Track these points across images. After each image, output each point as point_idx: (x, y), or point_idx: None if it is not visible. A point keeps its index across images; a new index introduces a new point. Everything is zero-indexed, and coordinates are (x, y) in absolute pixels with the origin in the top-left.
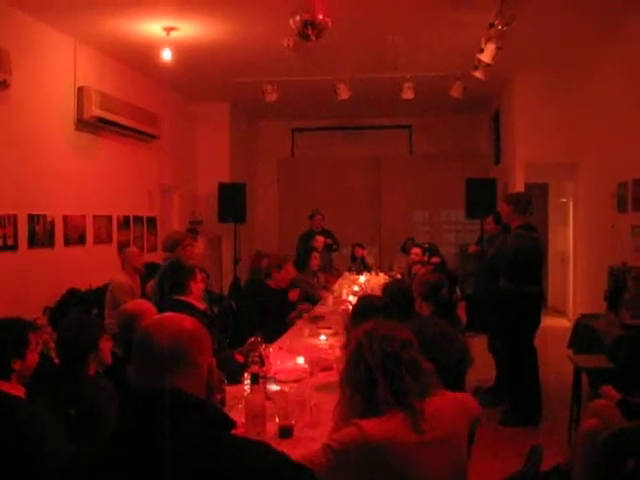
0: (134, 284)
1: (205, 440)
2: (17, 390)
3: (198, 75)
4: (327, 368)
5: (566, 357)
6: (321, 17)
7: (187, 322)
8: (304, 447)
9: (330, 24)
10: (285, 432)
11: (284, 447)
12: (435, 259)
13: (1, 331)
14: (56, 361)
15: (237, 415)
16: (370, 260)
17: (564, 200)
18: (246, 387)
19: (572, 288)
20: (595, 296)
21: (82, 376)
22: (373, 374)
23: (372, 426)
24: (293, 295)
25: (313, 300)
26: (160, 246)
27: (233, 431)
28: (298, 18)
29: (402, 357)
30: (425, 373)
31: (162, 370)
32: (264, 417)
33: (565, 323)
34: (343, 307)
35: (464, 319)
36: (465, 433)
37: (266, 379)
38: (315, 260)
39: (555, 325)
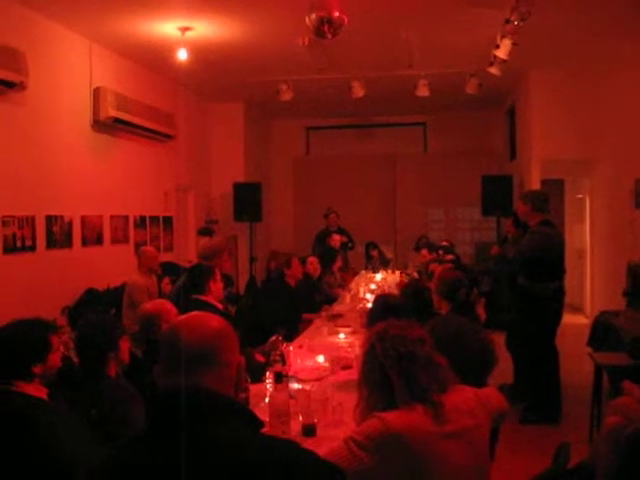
0: (150, 284)
1: (238, 441)
2: (39, 391)
3: (213, 75)
4: (347, 366)
5: (584, 354)
6: (337, 14)
7: (214, 321)
8: (327, 446)
9: (346, 21)
10: (309, 430)
11: (308, 445)
12: (449, 256)
13: (22, 334)
14: (75, 360)
15: (261, 413)
16: (388, 253)
17: (580, 196)
18: (268, 386)
19: (589, 285)
20: (613, 293)
21: (103, 377)
22: (388, 375)
23: (393, 417)
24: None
25: (330, 299)
26: (178, 247)
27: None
28: (314, 16)
29: (415, 355)
30: (441, 368)
31: (191, 370)
32: (288, 416)
33: (582, 320)
34: (361, 305)
35: (483, 316)
36: (487, 428)
37: (288, 378)
38: (338, 262)
39: (572, 322)
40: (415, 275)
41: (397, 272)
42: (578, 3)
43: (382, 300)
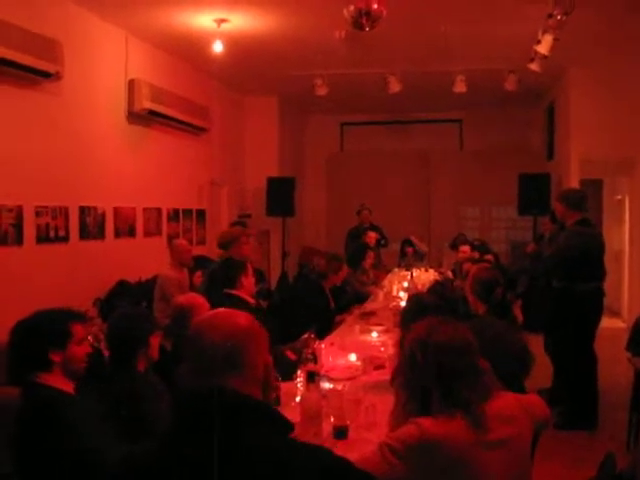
0: (182, 277)
1: (267, 445)
2: (63, 384)
3: (248, 68)
4: (380, 366)
5: (621, 359)
6: (376, 6)
7: (242, 318)
8: (360, 449)
9: (385, 13)
10: (340, 433)
11: (339, 448)
12: (489, 256)
13: (40, 321)
14: (105, 353)
15: (291, 413)
16: (423, 247)
17: (619, 197)
18: (299, 385)
19: (627, 288)
20: None
21: (133, 372)
22: (427, 385)
23: (431, 424)
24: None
25: (362, 297)
26: (210, 240)
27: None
28: (352, 7)
29: (458, 368)
30: (484, 376)
31: (216, 371)
32: (320, 417)
33: (619, 324)
34: (394, 303)
35: (520, 318)
36: (529, 436)
37: (319, 377)
38: (370, 259)
39: (609, 326)
40: (449, 274)
41: (431, 270)
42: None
43: (416, 300)
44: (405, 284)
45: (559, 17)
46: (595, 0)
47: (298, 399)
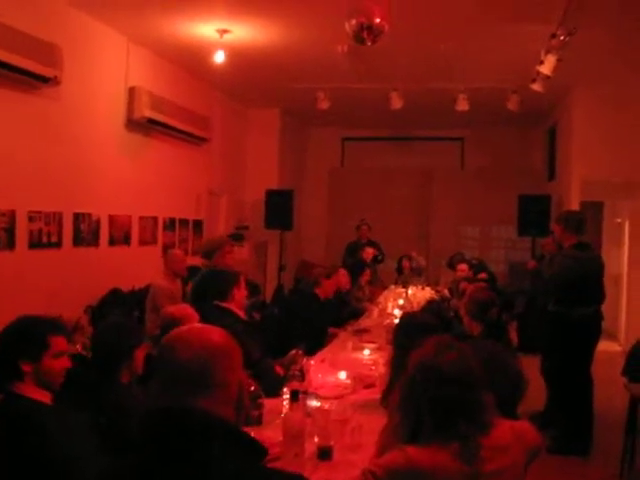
0: (175, 288)
1: (236, 471)
2: (38, 394)
3: (250, 79)
4: (370, 385)
5: (616, 383)
6: (378, 21)
7: (215, 335)
8: (343, 471)
9: (387, 28)
10: (324, 453)
11: (323, 470)
12: (482, 275)
13: (17, 328)
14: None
15: (274, 431)
16: (421, 261)
17: (619, 220)
18: (285, 402)
19: (625, 312)
20: None
21: (115, 384)
22: (420, 416)
23: (419, 452)
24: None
25: (357, 313)
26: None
27: (271, 452)
28: (354, 21)
29: (459, 403)
30: (485, 410)
31: (186, 389)
32: (303, 437)
33: (616, 347)
34: (388, 321)
35: (515, 341)
36: (522, 465)
37: (306, 394)
38: (366, 276)
39: (605, 349)
40: (446, 292)
41: (427, 288)
42: (626, 20)
43: (409, 318)
44: (400, 301)
45: (562, 37)
46: (599, 21)
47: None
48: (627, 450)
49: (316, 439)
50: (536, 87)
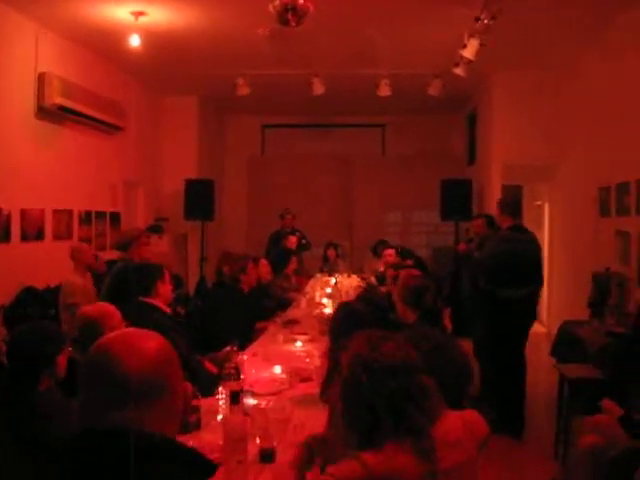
0: (88, 283)
1: None
2: None
3: (166, 65)
4: (307, 379)
5: (543, 363)
6: (302, 1)
7: (155, 341)
8: (288, 474)
9: (312, 9)
10: (267, 456)
11: (267, 474)
12: (409, 261)
13: None
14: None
15: (212, 434)
16: (346, 247)
17: (539, 203)
18: (221, 402)
19: (547, 293)
20: (574, 302)
21: (34, 391)
22: (378, 415)
23: (376, 460)
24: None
25: (284, 304)
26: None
27: (212, 458)
28: (278, 2)
29: (410, 390)
30: (431, 396)
31: (130, 403)
32: (245, 442)
33: (540, 329)
34: (318, 311)
35: (449, 327)
36: (475, 459)
37: (242, 392)
38: (293, 264)
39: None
40: (372, 280)
41: (353, 276)
42: (548, 5)
43: (347, 308)
44: (328, 290)
45: (486, 21)
46: (520, 5)
47: (220, 418)
48: (560, 430)
49: (258, 441)
50: (459, 71)
